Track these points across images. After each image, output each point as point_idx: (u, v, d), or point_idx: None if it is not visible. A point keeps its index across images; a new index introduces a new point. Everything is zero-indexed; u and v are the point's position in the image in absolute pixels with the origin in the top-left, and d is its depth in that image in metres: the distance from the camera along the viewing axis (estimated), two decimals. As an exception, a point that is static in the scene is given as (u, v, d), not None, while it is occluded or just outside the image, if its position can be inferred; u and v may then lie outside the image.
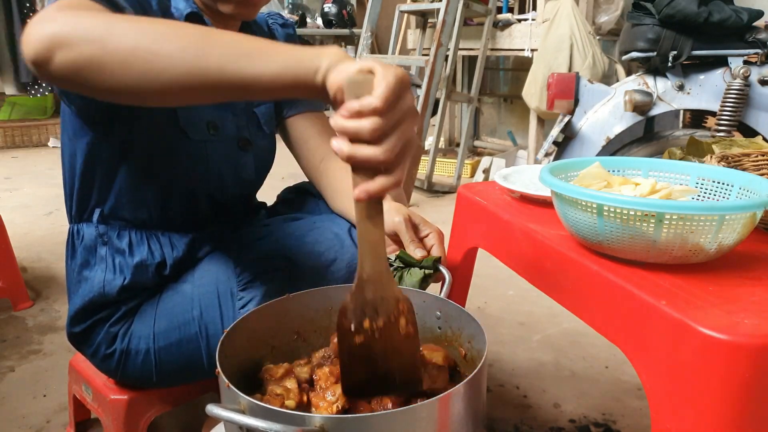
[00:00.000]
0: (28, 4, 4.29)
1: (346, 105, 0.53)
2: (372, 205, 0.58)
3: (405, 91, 0.54)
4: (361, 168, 0.55)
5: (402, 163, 0.55)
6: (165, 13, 0.87)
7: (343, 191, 0.99)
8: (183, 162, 0.93)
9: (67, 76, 0.60)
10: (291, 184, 1.21)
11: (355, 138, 0.53)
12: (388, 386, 0.65)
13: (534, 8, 3.41)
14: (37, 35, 0.59)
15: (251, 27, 1.03)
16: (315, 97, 0.58)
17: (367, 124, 0.52)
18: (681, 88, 2.20)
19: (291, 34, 1.13)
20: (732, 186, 0.76)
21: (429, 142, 3.44)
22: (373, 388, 0.65)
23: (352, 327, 0.62)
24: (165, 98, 0.63)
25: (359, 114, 0.52)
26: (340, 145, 0.54)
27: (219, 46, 0.58)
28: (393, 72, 0.53)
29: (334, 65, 0.55)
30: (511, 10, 3.68)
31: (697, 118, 2.46)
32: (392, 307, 0.63)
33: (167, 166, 0.93)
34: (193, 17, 0.89)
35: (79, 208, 0.96)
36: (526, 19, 3.36)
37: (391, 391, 0.65)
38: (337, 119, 0.54)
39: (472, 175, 3.77)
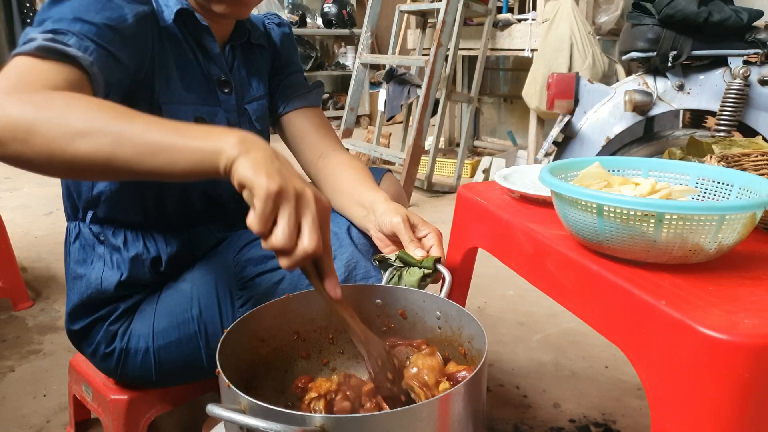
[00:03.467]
0: (28, 4, 4.30)
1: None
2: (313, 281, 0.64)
3: (283, 189, 0.58)
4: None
5: (299, 234, 0.59)
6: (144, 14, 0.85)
7: (342, 189, 0.99)
8: None
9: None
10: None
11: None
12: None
13: (534, 8, 3.41)
14: None
15: (246, 26, 1.03)
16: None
17: (256, 229, 0.59)
18: (681, 88, 2.20)
19: (287, 33, 1.13)
20: (732, 186, 0.76)
21: (429, 142, 3.44)
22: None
23: (388, 385, 0.70)
24: (93, 177, 0.72)
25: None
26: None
27: (129, 145, 0.61)
28: (264, 183, 0.57)
29: (238, 156, 0.59)
30: (511, 10, 3.68)
31: (697, 118, 2.45)
32: (382, 346, 0.72)
33: None
34: (183, 13, 0.90)
35: (74, 207, 0.96)
36: (526, 19, 3.36)
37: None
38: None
39: (472, 175, 3.77)
